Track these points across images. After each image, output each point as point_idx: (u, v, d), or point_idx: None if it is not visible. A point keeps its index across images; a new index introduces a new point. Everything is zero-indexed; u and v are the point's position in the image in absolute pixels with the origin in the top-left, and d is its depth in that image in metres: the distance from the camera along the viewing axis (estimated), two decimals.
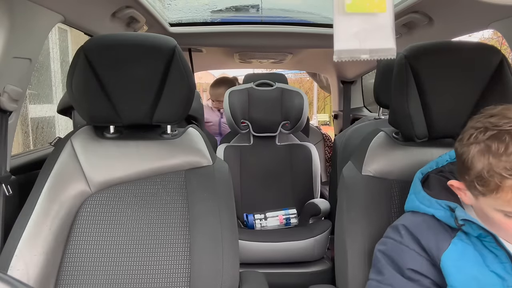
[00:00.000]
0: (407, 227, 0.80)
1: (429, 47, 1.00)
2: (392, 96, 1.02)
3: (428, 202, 0.80)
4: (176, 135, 1.09)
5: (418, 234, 0.79)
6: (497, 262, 0.73)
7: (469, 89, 0.95)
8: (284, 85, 2.11)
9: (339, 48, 0.49)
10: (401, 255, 0.78)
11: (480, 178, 0.69)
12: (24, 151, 1.60)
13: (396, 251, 0.79)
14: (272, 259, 1.78)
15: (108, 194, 1.02)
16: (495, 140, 0.67)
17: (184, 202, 1.01)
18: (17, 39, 0.97)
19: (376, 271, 0.81)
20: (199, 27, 2.12)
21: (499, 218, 0.71)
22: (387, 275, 0.78)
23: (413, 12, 1.34)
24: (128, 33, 1.44)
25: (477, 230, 0.73)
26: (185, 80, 1.01)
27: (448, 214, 0.77)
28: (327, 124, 9.75)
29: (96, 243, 0.97)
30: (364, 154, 1.02)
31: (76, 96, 1.01)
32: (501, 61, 0.94)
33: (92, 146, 1.04)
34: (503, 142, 0.66)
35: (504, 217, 0.70)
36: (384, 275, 0.79)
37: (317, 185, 2.09)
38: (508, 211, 0.69)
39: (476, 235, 0.74)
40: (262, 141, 2.12)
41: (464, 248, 0.75)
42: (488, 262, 0.73)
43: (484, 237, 0.73)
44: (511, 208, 0.68)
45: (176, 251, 0.97)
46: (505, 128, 0.67)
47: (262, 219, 1.94)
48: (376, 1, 0.49)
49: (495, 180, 0.66)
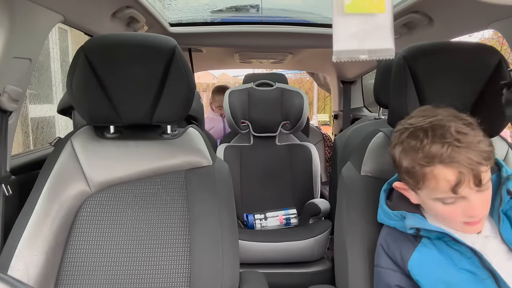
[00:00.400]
0: (382, 246, 0.84)
1: (427, 48, 1.00)
2: (391, 97, 1.02)
3: (388, 215, 0.83)
4: (176, 135, 1.09)
5: (388, 250, 0.82)
6: (464, 258, 0.74)
7: (468, 90, 0.95)
8: (284, 85, 2.11)
9: (338, 48, 0.50)
10: (384, 277, 0.82)
11: (408, 173, 0.75)
12: (24, 151, 1.60)
13: (380, 275, 0.83)
14: (272, 259, 1.78)
15: (108, 194, 1.02)
16: (411, 137, 0.74)
17: (184, 202, 1.01)
18: (17, 39, 0.97)
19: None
20: (199, 27, 2.12)
21: (440, 208, 0.74)
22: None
23: (413, 12, 1.34)
24: (128, 33, 1.45)
25: (433, 233, 0.75)
26: (185, 80, 1.02)
27: (403, 223, 0.80)
28: (327, 124, 9.74)
29: (96, 243, 0.97)
30: (363, 154, 1.02)
31: (76, 96, 1.01)
32: (499, 62, 0.94)
33: (92, 146, 1.05)
34: (417, 137, 0.73)
35: (443, 205, 0.73)
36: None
37: (317, 185, 2.09)
38: (440, 197, 0.72)
39: (434, 237, 0.76)
40: (262, 141, 2.12)
41: (428, 253, 0.77)
42: (456, 261, 0.74)
43: (443, 237, 0.76)
44: (441, 195, 0.71)
45: (176, 251, 0.97)
46: (419, 125, 0.74)
47: (262, 219, 1.94)
48: (375, 1, 0.49)
49: (418, 171, 0.73)
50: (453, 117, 0.74)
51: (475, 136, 0.70)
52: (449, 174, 0.69)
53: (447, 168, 0.69)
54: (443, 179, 0.70)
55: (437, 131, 0.71)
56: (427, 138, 0.71)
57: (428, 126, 0.73)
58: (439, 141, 0.70)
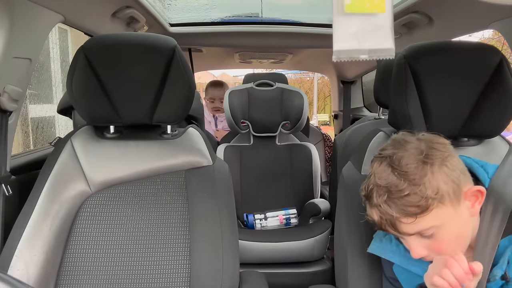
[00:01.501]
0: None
1: (428, 47, 1.00)
2: (391, 96, 1.02)
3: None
4: (176, 135, 1.09)
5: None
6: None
7: (469, 89, 0.95)
8: (284, 85, 2.11)
9: (338, 48, 0.49)
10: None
11: None
12: (24, 151, 1.60)
13: None
14: (272, 259, 1.78)
15: (108, 194, 1.02)
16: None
17: (184, 202, 1.01)
18: (17, 39, 0.97)
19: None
20: (199, 27, 2.11)
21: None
22: None
23: (413, 12, 1.34)
24: (128, 33, 1.45)
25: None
26: (185, 80, 1.01)
27: None
28: (327, 124, 9.74)
29: (96, 243, 0.97)
30: (364, 154, 1.02)
31: (76, 96, 1.01)
32: (500, 61, 0.94)
33: (92, 146, 1.05)
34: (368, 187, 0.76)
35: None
36: None
37: (317, 185, 2.09)
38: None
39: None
40: (262, 141, 2.12)
41: (385, 246, 0.83)
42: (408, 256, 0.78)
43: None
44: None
45: (176, 251, 0.97)
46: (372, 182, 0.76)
47: (262, 219, 1.94)
48: (376, 1, 0.49)
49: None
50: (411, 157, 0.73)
51: (406, 189, 0.70)
52: (374, 215, 0.75)
53: (371, 209, 0.75)
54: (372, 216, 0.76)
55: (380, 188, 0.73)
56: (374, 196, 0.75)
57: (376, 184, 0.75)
58: (376, 194, 0.74)
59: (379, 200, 0.71)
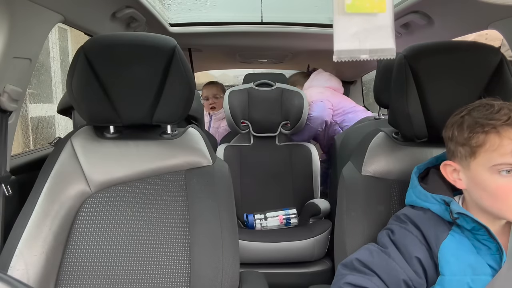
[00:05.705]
0: (408, 216, 0.84)
1: (428, 47, 1.00)
2: (392, 96, 1.02)
3: (424, 197, 0.84)
4: (176, 135, 1.09)
5: (419, 223, 0.82)
6: (490, 254, 0.77)
7: (469, 89, 0.95)
8: (284, 85, 2.11)
9: (338, 48, 0.49)
10: (407, 240, 0.81)
11: (468, 138, 0.76)
12: (24, 151, 1.60)
13: (403, 237, 0.82)
14: (272, 259, 1.78)
15: (108, 194, 1.02)
16: (476, 109, 0.78)
17: (184, 202, 1.01)
18: (17, 39, 0.97)
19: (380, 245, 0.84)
20: (199, 27, 2.11)
21: (494, 184, 0.74)
22: (392, 253, 0.80)
23: (413, 12, 1.34)
24: (128, 33, 1.44)
25: (471, 223, 0.77)
26: (185, 80, 1.01)
27: (443, 208, 0.80)
28: None
29: (96, 243, 0.97)
30: (364, 154, 1.02)
31: (76, 96, 1.01)
32: (500, 61, 0.94)
33: (92, 146, 1.04)
34: (485, 107, 0.77)
35: (499, 178, 0.73)
36: (387, 248, 0.81)
37: (317, 185, 2.09)
38: (499, 163, 0.72)
39: (469, 228, 0.78)
40: (262, 141, 2.12)
41: (460, 239, 0.79)
42: (482, 254, 0.77)
43: (477, 230, 0.77)
44: (501, 159, 0.72)
45: (176, 251, 0.97)
46: (482, 103, 0.78)
47: (262, 219, 1.94)
48: (376, 1, 0.49)
49: (479, 134, 0.74)
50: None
51: None
52: None
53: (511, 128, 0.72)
54: (507, 137, 0.72)
55: (504, 104, 0.75)
56: (494, 107, 0.75)
57: (495, 103, 0.77)
58: (506, 107, 0.74)
59: None
